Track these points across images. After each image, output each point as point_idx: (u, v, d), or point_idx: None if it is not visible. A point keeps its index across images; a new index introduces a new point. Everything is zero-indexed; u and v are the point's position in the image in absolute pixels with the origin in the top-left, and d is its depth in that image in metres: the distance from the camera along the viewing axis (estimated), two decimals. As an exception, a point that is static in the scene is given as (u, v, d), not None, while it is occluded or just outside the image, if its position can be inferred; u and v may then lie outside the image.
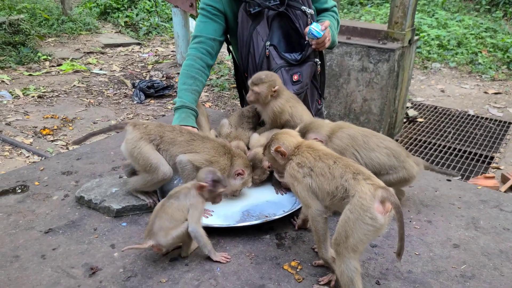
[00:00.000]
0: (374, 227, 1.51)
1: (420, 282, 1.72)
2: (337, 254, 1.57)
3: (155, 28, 10.82)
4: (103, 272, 1.73)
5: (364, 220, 1.50)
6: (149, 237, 1.74)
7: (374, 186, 1.54)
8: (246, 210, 2.15)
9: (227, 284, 1.69)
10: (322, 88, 2.94)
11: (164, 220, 1.74)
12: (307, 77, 2.67)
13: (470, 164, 5.19)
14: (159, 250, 1.76)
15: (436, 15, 10.94)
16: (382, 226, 1.53)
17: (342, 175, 1.59)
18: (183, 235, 1.76)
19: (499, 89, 7.70)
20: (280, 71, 2.57)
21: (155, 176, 2.06)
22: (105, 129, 2.30)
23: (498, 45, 9.07)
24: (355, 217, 1.51)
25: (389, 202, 1.52)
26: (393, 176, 2.04)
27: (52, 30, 9.75)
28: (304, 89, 2.71)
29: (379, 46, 4.96)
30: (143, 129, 2.11)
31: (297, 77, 2.61)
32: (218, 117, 3.28)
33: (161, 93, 6.99)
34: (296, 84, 2.63)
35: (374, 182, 1.56)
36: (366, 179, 1.56)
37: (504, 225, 2.11)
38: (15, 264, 1.76)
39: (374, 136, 2.10)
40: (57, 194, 2.26)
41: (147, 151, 2.05)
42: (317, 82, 2.85)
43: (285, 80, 2.58)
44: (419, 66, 8.75)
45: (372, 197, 1.51)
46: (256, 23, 2.57)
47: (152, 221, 1.76)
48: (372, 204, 1.50)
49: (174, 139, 2.11)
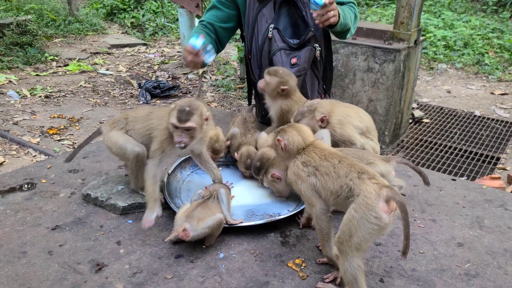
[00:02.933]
0: (379, 226, 1.51)
1: (424, 280, 1.73)
2: (341, 253, 1.57)
3: (161, 28, 10.87)
4: (109, 268, 1.75)
5: (368, 219, 1.51)
6: (185, 220, 1.81)
7: (379, 185, 1.54)
8: (249, 210, 2.16)
9: (232, 280, 1.70)
10: (328, 85, 2.93)
11: (205, 211, 1.86)
12: (305, 61, 2.65)
13: (476, 165, 5.18)
14: (186, 236, 1.79)
15: (442, 15, 10.91)
16: (386, 226, 1.53)
17: (347, 174, 1.60)
18: (215, 225, 1.84)
19: (506, 90, 7.67)
20: (280, 53, 2.60)
21: (128, 157, 2.12)
22: (89, 138, 2.34)
23: (505, 46, 9.03)
24: (360, 216, 1.51)
25: (394, 201, 1.52)
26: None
27: (59, 30, 9.83)
28: (302, 73, 2.68)
29: (385, 46, 4.95)
30: (111, 121, 2.24)
31: (295, 60, 2.62)
32: (223, 117, 3.30)
33: (167, 94, 7.02)
34: (294, 67, 2.63)
35: (379, 181, 1.57)
36: (371, 179, 1.57)
37: (508, 224, 2.11)
38: (22, 260, 1.78)
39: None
40: (64, 191, 2.29)
41: (114, 137, 2.17)
42: (318, 71, 2.80)
43: (284, 63, 2.61)
44: (425, 67, 8.72)
45: (377, 196, 1.51)
46: (263, 5, 2.64)
47: (194, 208, 1.87)
48: (377, 203, 1.50)
49: (135, 117, 2.20)
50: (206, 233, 1.84)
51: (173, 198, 2.17)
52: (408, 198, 2.31)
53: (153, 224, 1.95)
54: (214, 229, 1.85)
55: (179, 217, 1.86)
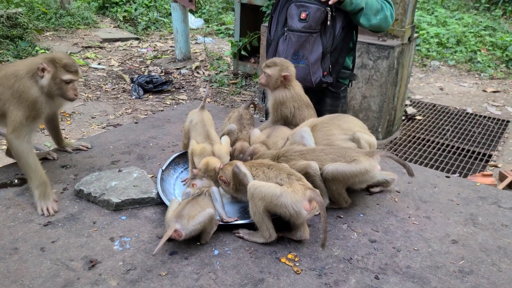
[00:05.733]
0: (294, 216, 1.80)
1: (418, 277, 1.73)
2: (251, 200, 1.84)
3: (154, 23, 10.78)
4: (102, 265, 1.73)
5: (288, 209, 1.77)
6: (175, 220, 1.79)
7: (305, 186, 1.81)
8: (243, 207, 2.16)
9: (227, 278, 1.69)
10: (337, 68, 2.81)
11: (195, 208, 1.85)
12: (314, 20, 2.63)
13: (468, 162, 5.21)
14: (179, 236, 1.77)
15: (435, 13, 10.95)
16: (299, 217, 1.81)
17: (276, 176, 1.86)
18: (206, 220, 1.82)
19: (498, 87, 7.72)
20: (293, 4, 2.65)
21: None
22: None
23: (497, 43, 9.09)
24: (283, 201, 1.77)
25: (315, 202, 1.78)
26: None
27: (50, 24, 9.71)
28: (308, 31, 2.66)
29: (379, 43, 4.95)
30: None
31: (304, 15, 2.63)
32: (217, 112, 3.28)
33: (159, 88, 6.98)
34: (302, 21, 2.65)
35: (305, 183, 1.83)
36: (298, 180, 1.83)
37: (502, 221, 2.12)
38: (14, 256, 1.76)
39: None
40: (56, 187, 2.26)
41: None
42: (326, 40, 2.71)
43: (293, 14, 2.66)
44: (418, 64, 8.75)
45: (303, 195, 1.77)
46: None
47: (183, 207, 1.85)
48: (302, 200, 1.77)
49: None
50: (199, 229, 1.82)
51: (167, 195, 2.15)
52: (402, 195, 2.31)
53: (56, 208, 2.03)
54: (206, 224, 1.83)
55: (169, 217, 1.83)
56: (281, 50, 2.76)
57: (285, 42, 2.72)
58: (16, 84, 2.11)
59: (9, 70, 2.16)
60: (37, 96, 2.13)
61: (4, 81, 2.14)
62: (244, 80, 7.57)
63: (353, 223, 2.06)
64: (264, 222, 1.84)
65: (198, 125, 2.36)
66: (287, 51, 2.72)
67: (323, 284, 1.67)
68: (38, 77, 2.14)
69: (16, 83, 2.11)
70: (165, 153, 2.66)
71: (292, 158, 2.11)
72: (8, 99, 2.12)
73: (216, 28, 10.91)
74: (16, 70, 2.14)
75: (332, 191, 2.09)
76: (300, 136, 2.25)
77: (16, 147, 2.13)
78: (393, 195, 2.31)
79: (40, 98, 2.14)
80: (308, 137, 2.24)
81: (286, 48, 2.72)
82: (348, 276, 1.72)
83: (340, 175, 2.02)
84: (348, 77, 2.95)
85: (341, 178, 2.03)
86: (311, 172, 2.03)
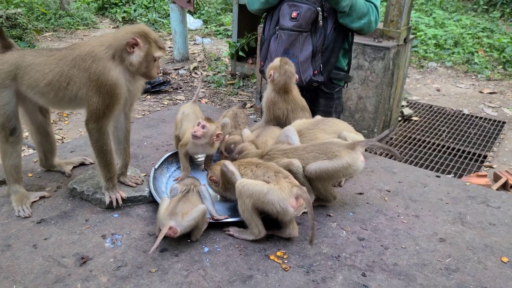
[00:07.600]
0: (281, 213, 1.83)
1: (405, 275, 1.75)
2: (239, 197, 1.88)
3: (152, 24, 10.82)
4: (93, 262, 1.75)
5: (275, 206, 1.81)
6: (169, 217, 1.82)
7: (291, 184, 1.85)
8: (233, 206, 2.17)
9: (216, 274, 1.71)
10: (328, 68, 2.83)
11: (187, 205, 1.89)
12: (304, 19, 2.67)
13: (464, 163, 5.23)
14: (174, 233, 1.80)
15: (433, 14, 10.98)
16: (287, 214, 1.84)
17: (264, 174, 1.92)
18: (200, 216, 1.86)
19: (494, 89, 7.74)
20: (285, 4, 2.72)
21: None
22: None
23: (494, 45, 9.12)
24: (271, 198, 1.81)
25: (302, 199, 1.81)
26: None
27: (49, 24, 9.75)
28: (298, 29, 2.70)
29: (375, 44, 4.98)
30: None
31: (295, 14, 2.69)
32: (213, 112, 3.30)
33: (157, 89, 7.00)
34: (292, 20, 2.71)
35: (292, 181, 1.88)
36: (285, 178, 1.88)
37: (490, 220, 2.15)
38: (6, 253, 1.78)
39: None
40: (50, 185, 2.28)
41: None
42: (316, 39, 2.73)
43: (285, 14, 2.73)
44: (416, 65, 8.78)
45: (290, 192, 1.82)
46: None
47: (175, 204, 1.88)
48: (288, 197, 1.81)
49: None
50: (193, 225, 1.85)
51: (159, 194, 2.18)
52: (392, 194, 2.34)
53: (124, 197, 2.10)
54: (199, 220, 1.86)
55: (162, 215, 1.86)
56: (272, 48, 2.81)
57: (276, 41, 2.77)
58: (94, 65, 1.87)
59: (84, 49, 1.93)
60: (117, 78, 1.90)
61: (79, 62, 1.91)
62: (242, 80, 7.60)
63: (343, 221, 2.09)
64: (253, 219, 1.87)
65: (190, 115, 2.42)
66: (277, 49, 2.77)
67: (311, 281, 1.70)
68: (126, 53, 1.90)
69: (93, 64, 1.88)
70: (159, 152, 2.69)
71: (275, 156, 2.14)
72: (85, 83, 1.91)
73: (214, 29, 10.95)
74: (92, 49, 1.91)
75: (319, 189, 2.12)
76: (284, 135, 2.29)
77: (96, 138, 2.01)
78: (383, 194, 2.34)
79: (121, 81, 1.92)
80: (292, 136, 2.27)
81: (277, 47, 2.78)
82: (336, 273, 1.75)
83: (324, 173, 2.05)
84: (343, 78, 2.97)
85: (325, 175, 2.06)
86: (293, 169, 2.06)
